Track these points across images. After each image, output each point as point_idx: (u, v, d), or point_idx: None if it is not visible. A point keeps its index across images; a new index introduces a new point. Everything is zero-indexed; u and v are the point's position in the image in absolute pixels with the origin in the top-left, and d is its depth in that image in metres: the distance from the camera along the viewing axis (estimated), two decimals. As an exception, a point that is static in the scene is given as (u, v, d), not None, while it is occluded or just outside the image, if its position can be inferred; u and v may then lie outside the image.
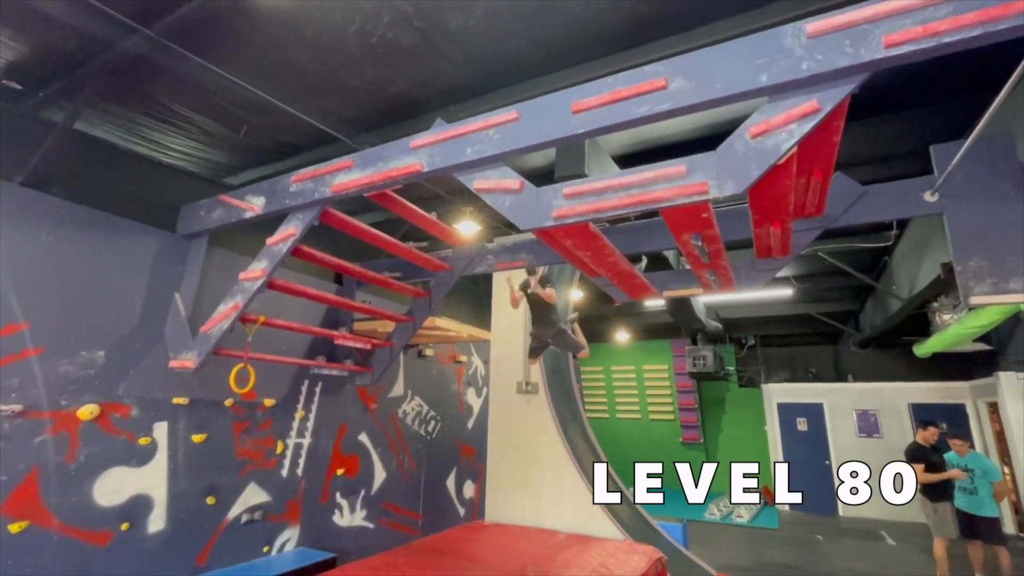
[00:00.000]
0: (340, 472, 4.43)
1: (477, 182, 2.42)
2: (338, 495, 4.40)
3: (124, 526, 3.00)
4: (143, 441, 3.15)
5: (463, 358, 6.23)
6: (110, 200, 3.20)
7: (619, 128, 2.08)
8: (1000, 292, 2.38)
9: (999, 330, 7.85)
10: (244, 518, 3.64)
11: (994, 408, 8.77)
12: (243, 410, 3.73)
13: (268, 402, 3.90)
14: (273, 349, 3.82)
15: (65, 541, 2.76)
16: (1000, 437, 8.65)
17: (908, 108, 3.39)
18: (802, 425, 10.78)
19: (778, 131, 1.78)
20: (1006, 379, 8.08)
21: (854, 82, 1.70)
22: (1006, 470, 8.22)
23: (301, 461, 4.13)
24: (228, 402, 3.62)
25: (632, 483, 11.53)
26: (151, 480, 3.17)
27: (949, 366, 9.34)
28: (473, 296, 6.41)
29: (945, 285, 5.23)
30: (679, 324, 10.27)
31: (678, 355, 12.32)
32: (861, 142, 3.55)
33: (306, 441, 4.19)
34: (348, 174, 2.77)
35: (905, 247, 6.17)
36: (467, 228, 4.49)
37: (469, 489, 6.12)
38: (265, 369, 3.68)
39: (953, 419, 9.07)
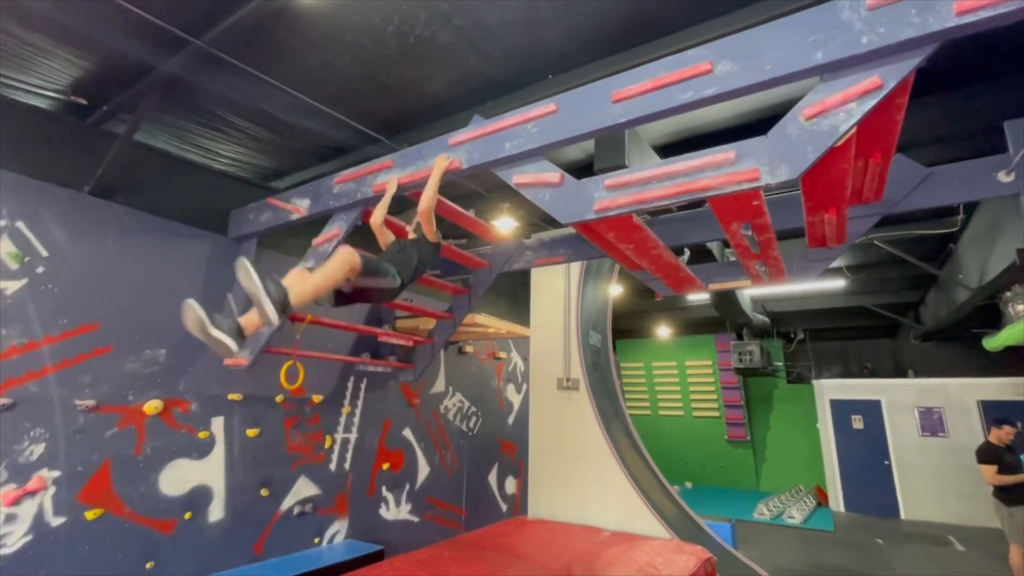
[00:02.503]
0: (386, 467, 4.53)
1: (516, 177, 2.41)
2: (384, 489, 4.50)
3: (187, 515, 3.16)
4: (202, 435, 3.31)
5: (502, 354, 6.25)
6: (167, 206, 3.37)
7: (662, 116, 2.02)
8: (1089, 278, 2.18)
9: (1082, 321, 7.20)
10: (296, 510, 3.77)
11: (1077, 405, 8.07)
12: (293, 406, 3.86)
13: (316, 398, 4.02)
14: (320, 347, 3.93)
15: (135, 528, 2.94)
16: (1084, 437, 7.95)
17: (978, 81, 3.13)
18: (858, 423, 10.25)
19: (836, 111, 1.68)
20: (1091, 374, 7.43)
21: (921, 55, 1.58)
22: (1092, 473, 7.55)
23: (348, 455, 4.24)
24: (279, 398, 3.76)
25: (675, 481, 11.29)
26: (210, 472, 3.33)
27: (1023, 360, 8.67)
28: (512, 292, 6.42)
29: (1020, 273, 4.85)
30: (724, 318, 9.96)
31: (722, 350, 11.96)
32: (924, 120, 3.32)
33: (353, 436, 4.31)
34: (389, 173, 2.82)
35: (973, 233, 5.75)
36: (505, 224, 4.48)
37: (511, 485, 6.14)
38: (313, 366, 3.80)
39: (1029, 417, 8.41)
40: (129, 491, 2.94)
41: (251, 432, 3.56)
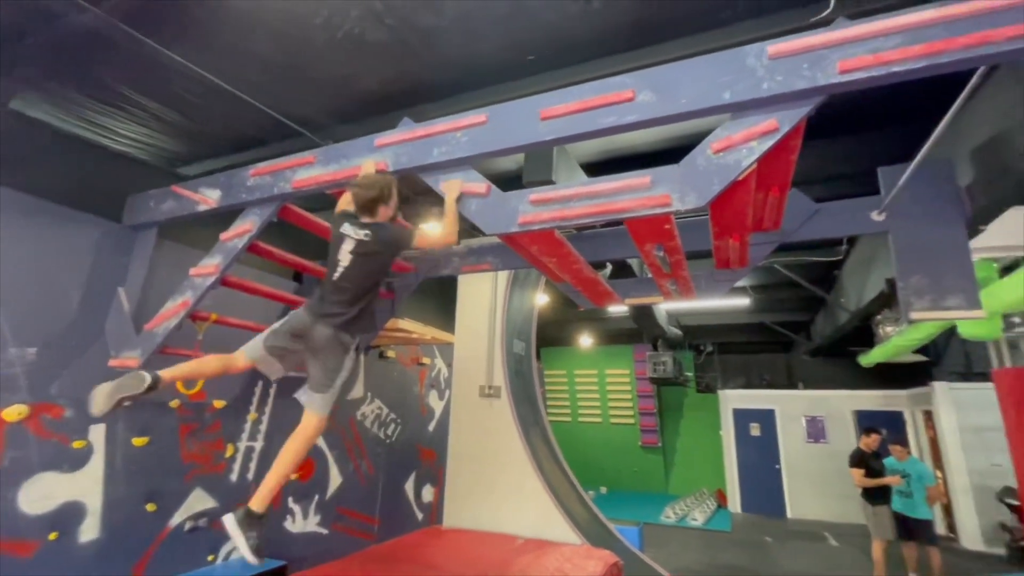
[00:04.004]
0: (293, 476, 4.27)
1: (443, 184, 2.39)
2: (290, 500, 4.25)
3: (52, 536, 2.80)
4: (77, 444, 2.95)
5: (426, 360, 6.15)
6: (47, 186, 2.99)
7: (586, 137, 2.09)
8: (937, 308, 2.52)
9: (935, 343, 8.36)
10: (188, 525, 3.46)
11: (929, 416, 9.32)
12: (190, 412, 3.55)
13: (218, 403, 3.73)
14: (225, 348, 3.63)
15: (-16, 553, 2.55)
16: (934, 444, 9.21)
17: (860, 131, 3.55)
18: (755, 430, 11.17)
19: (739, 148, 1.82)
20: (940, 389, 8.61)
21: (811, 104, 1.76)
22: (939, 475, 8.74)
23: (252, 465, 3.96)
24: (174, 403, 3.44)
25: (592, 486, 11.66)
26: (85, 486, 2.97)
27: (890, 375, 9.89)
28: (438, 297, 6.34)
29: (889, 299, 5.52)
30: (641, 330, 10.47)
31: (639, 360, 12.56)
32: (815, 161, 3.69)
33: (258, 444, 4.03)
34: (310, 170, 2.69)
35: (854, 262, 6.49)
36: (433, 230, 4.42)
37: (428, 493, 6.03)
38: (216, 369, 3.51)
39: (892, 426, 9.60)
40: (-22, 510, 2.55)
41: (138, 441, 3.23)
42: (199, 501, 3.56)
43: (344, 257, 2.28)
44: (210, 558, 3.59)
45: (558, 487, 5.00)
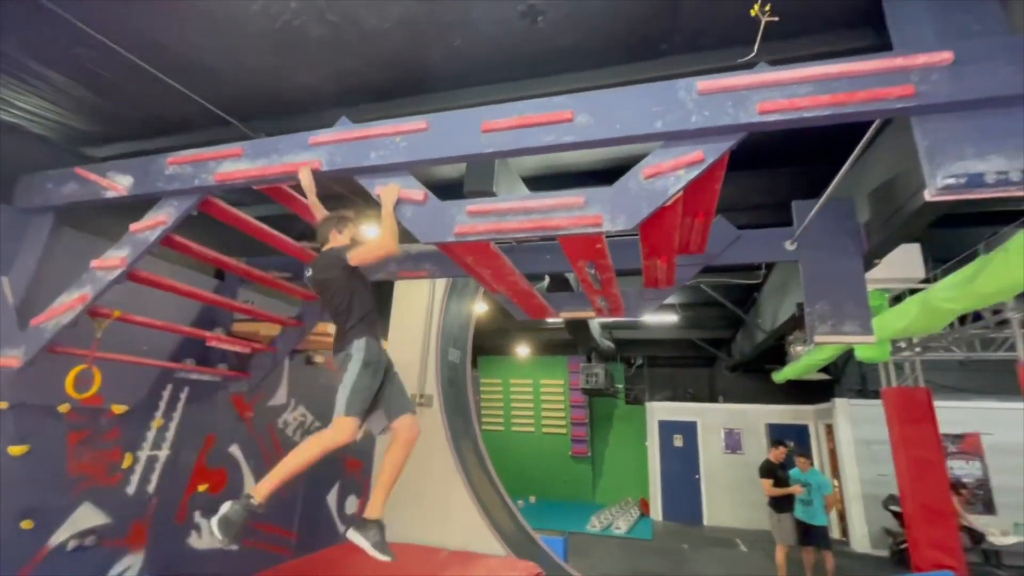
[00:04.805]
0: (203, 488, 3.97)
1: (379, 188, 2.34)
2: (198, 514, 3.93)
3: (-102, 560, 2.42)
4: (-62, 454, 2.59)
5: (357, 366, 5.93)
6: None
7: (525, 153, 2.12)
8: (837, 333, 2.76)
9: (836, 363, 9.16)
10: (71, 544, 3.10)
11: (830, 429, 10.18)
12: (82, 417, 3.21)
13: (117, 409, 3.39)
14: (130, 348, 3.34)
15: None
16: (833, 455, 10.05)
17: (780, 165, 3.85)
18: (678, 441, 11.70)
19: (667, 175, 1.91)
20: (840, 404, 9.43)
21: (734, 139, 1.88)
22: (835, 483, 9.55)
23: (154, 477, 3.63)
24: (63, 408, 3.09)
25: (522, 495, 11.71)
26: (-55, 501, 2.60)
27: (798, 392, 10.71)
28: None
29: (799, 322, 6.00)
30: (576, 342, 10.71)
31: (573, 371, 12.82)
32: (739, 190, 3.95)
33: (163, 453, 3.71)
34: (236, 163, 2.54)
35: (771, 286, 7.00)
36: (369, 232, 4.31)
37: (352, 505, 5.80)
38: (116, 371, 3.21)
39: (800, 438, 10.39)
40: None
41: (15, 450, 2.87)
42: (88, 517, 3.21)
43: (316, 294, 2.60)
44: (97, 580, 3.24)
45: (486, 498, 4.97)
